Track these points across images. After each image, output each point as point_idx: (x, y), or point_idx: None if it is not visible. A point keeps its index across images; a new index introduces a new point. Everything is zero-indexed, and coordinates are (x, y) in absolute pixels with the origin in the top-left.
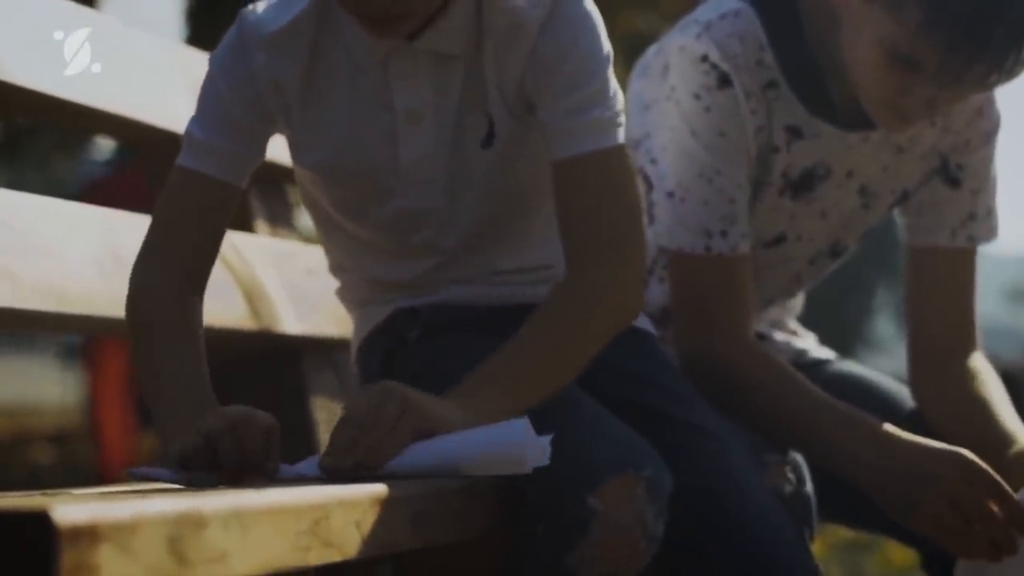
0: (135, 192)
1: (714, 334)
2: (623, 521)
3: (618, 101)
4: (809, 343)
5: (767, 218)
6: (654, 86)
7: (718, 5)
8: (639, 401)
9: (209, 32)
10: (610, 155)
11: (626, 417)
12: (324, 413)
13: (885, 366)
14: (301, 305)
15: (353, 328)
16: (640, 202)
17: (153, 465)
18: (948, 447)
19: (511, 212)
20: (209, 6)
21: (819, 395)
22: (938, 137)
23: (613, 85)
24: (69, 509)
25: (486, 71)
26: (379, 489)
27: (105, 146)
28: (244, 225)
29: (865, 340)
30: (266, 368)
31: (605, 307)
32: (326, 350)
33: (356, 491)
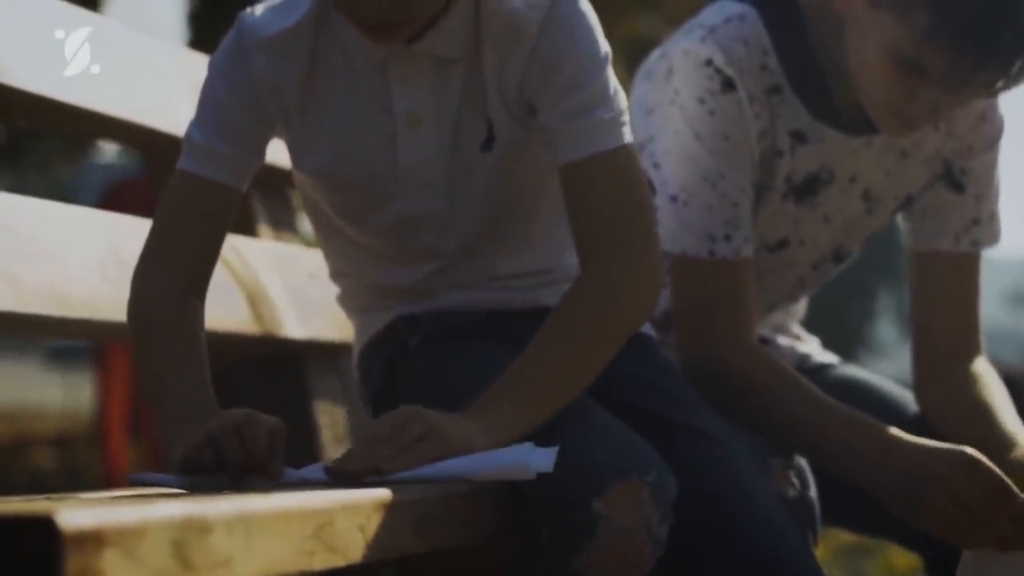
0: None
1: (717, 338)
2: (628, 526)
3: (620, 100)
4: (812, 347)
5: (770, 222)
6: (657, 90)
7: (722, 9)
8: (641, 406)
9: (212, 35)
10: (617, 155)
11: (629, 422)
12: (327, 418)
13: (887, 370)
14: (304, 309)
15: (354, 334)
16: (650, 200)
17: (151, 471)
18: (953, 447)
19: (510, 215)
20: (212, 9)
21: (823, 398)
22: (942, 142)
23: (614, 84)
24: (74, 514)
25: (485, 74)
26: (383, 494)
27: (108, 150)
28: (247, 229)
29: (867, 344)
30: (269, 372)
31: (622, 305)
32: (329, 355)
33: (360, 496)
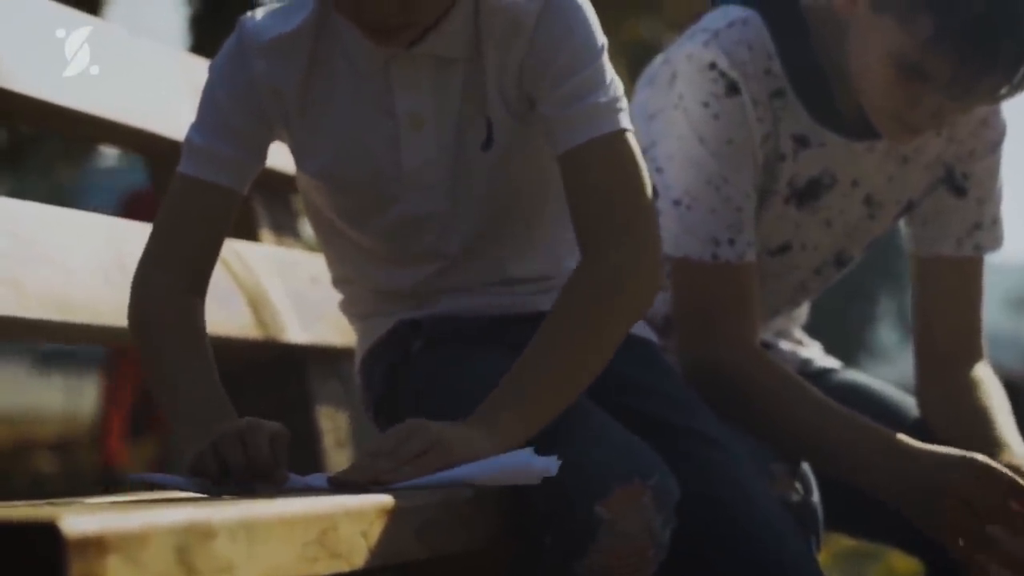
0: None
1: (719, 342)
2: (630, 529)
3: (616, 87)
4: (814, 352)
5: (772, 226)
6: (660, 95)
7: (725, 14)
8: (642, 410)
9: (212, 40)
10: (615, 139)
11: (629, 426)
12: (329, 422)
13: (888, 374)
14: (306, 314)
15: (357, 341)
16: (649, 185)
17: (151, 472)
18: (959, 453)
19: (512, 216)
20: (213, 14)
21: (825, 401)
22: (943, 147)
23: (610, 72)
24: (77, 519)
25: (486, 72)
26: (386, 499)
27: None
28: (248, 233)
29: (868, 348)
30: (270, 377)
31: (622, 294)
32: (331, 359)
33: (363, 501)
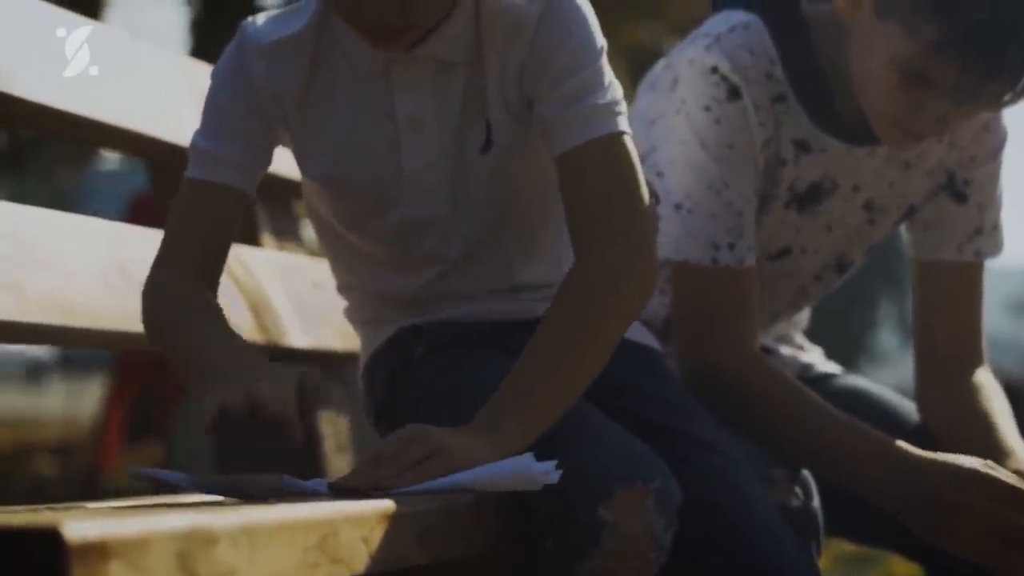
0: None
1: (719, 346)
2: (633, 532)
3: (615, 90)
4: (815, 357)
5: (773, 231)
6: (661, 100)
7: (727, 18)
8: (642, 415)
9: (213, 44)
10: (612, 141)
11: (629, 430)
12: (330, 427)
13: (888, 379)
14: (307, 319)
15: (360, 347)
16: (645, 188)
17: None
18: (963, 465)
19: (513, 219)
20: (213, 17)
21: (824, 406)
22: (945, 153)
23: (609, 74)
24: (79, 525)
25: (487, 75)
26: (387, 505)
27: (111, 158)
28: (250, 239)
29: (868, 352)
30: None
31: (617, 295)
32: (333, 364)
33: (364, 507)
